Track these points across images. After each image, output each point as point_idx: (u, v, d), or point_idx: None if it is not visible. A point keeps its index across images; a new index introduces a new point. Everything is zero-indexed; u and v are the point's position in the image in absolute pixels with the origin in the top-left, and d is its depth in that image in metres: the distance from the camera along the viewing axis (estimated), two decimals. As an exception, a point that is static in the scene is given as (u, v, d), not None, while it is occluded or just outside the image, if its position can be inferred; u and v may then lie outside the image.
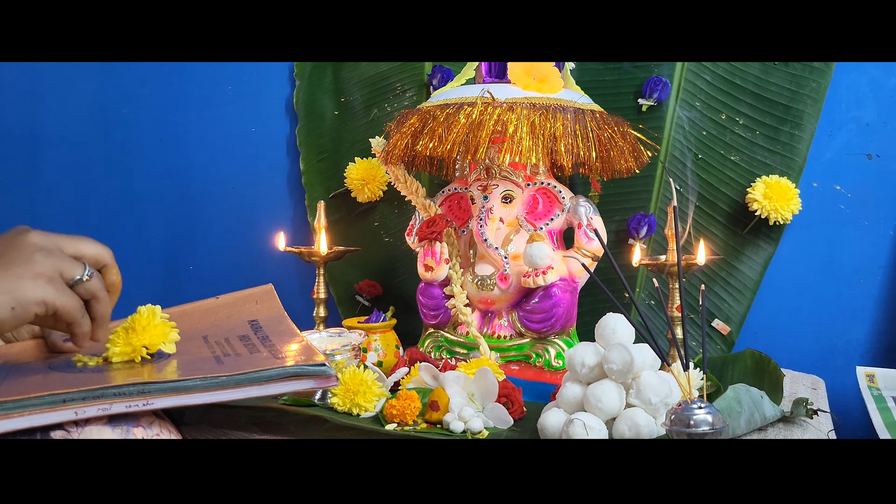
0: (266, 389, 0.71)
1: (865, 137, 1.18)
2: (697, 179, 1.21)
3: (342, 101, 1.40)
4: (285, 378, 0.71)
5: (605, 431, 0.78)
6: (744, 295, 1.21)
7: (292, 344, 0.79)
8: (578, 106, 1.00)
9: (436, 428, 0.87)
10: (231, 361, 0.73)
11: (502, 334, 1.04)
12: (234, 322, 0.84)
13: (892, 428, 0.92)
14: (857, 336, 1.20)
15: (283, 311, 0.87)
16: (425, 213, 1.08)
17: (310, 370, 0.72)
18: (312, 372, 0.72)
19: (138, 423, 0.70)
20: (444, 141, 0.96)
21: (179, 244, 1.54)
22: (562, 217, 1.05)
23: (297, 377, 0.72)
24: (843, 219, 1.19)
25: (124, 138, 1.56)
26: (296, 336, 0.81)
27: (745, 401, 0.82)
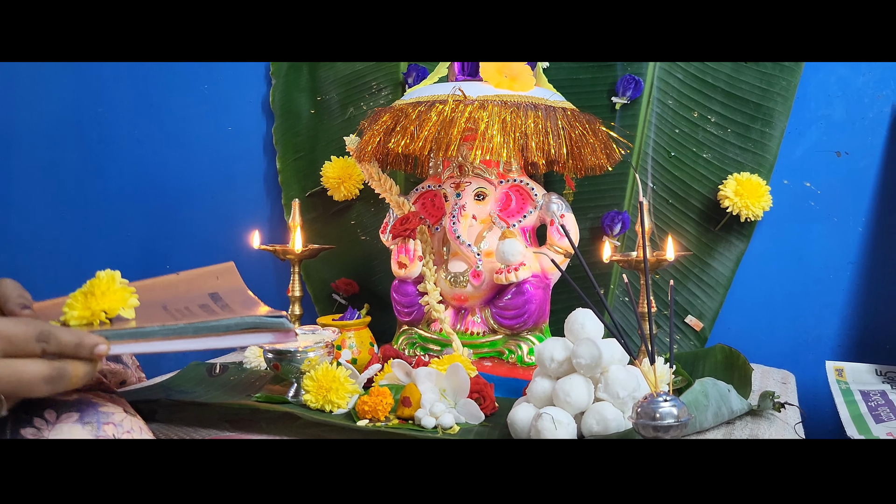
0: (225, 341, 0.69)
1: (834, 135, 1.20)
2: (659, 176, 1.22)
3: (318, 99, 1.40)
4: (244, 330, 0.69)
5: (573, 425, 0.79)
6: (716, 291, 1.22)
7: (253, 310, 0.76)
8: (550, 103, 1.01)
9: (407, 424, 0.87)
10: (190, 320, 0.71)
11: (475, 331, 1.04)
12: (195, 294, 0.82)
13: (859, 421, 0.93)
14: (827, 331, 1.21)
15: (244, 285, 0.85)
16: (399, 211, 1.09)
17: (268, 322, 0.70)
18: (270, 324, 0.70)
19: (109, 419, 0.70)
20: (417, 138, 0.97)
21: (156, 244, 1.54)
22: (534, 214, 1.05)
23: (256, 330, 0.69)
24: (812, 215, 1.21)
25: (99, 138, 1.55)
26: (258, 304, 0.78)
27: (711, 394, 0.83)
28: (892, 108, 1.17)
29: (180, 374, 1.10)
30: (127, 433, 0.70)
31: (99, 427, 0.68)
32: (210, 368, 1.12)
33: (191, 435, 0.85)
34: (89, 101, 1.55)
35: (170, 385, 1.05)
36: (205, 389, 1.04)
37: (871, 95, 1.18)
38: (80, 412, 0.69)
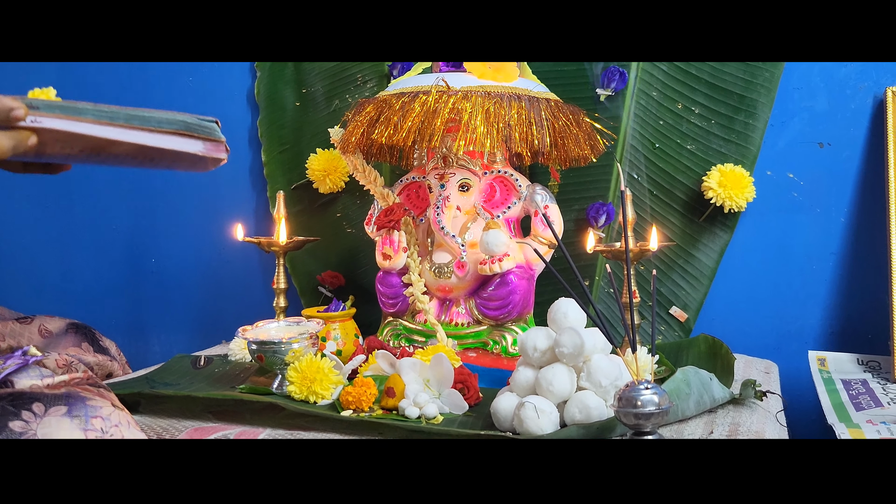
0: (156, 139, 0.66)
1: (817, 126, 1.20)
2: (644, 168, 1.23)
3: (303, 92, 1.39)
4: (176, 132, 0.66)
5: (556, 414, 0.79)
6: (700, 282, 1.23)
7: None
8: (533, 94, 1.01)
9: (392, 414, 0.87)
10: None
11: (460, 322, 1.05)
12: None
13: (840, 409, 0.94)
14: (810, 321, 1.22)
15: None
16: (383, 202, 1.09)
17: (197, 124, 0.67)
18: (200, 127, 0.67)
19: (97, 413, 0.70)
20: (400, 129, 0.97)
21: (141, 237, 1.53)
22: (519, 205, 1.05)
23: (188, 134, 0.67)
24: (795, 206, 1.22)
25: (84, 130, 1.54)
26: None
27: (693, 383, 0.84)
28: (874, 100, 1.18)
29: (165, 366, 1.10)
30: (115, 427, 0.70)
31: (87, 420, 0.68)
32: (195, 361, 1.12)
33: (174, 426, 0.85)
34: (73, 94, 1.54)
35: (154, 377, 1.05)
36: (189, 381, 1.04)
37: (854, 87, 1.19)
38: (68, 405, 0.69)
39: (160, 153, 0.67)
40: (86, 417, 0.68)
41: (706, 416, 0.86)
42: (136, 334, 1.53)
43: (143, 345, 1.53)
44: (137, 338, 1.53)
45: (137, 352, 1.52)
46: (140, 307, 1.53)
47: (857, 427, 0.86)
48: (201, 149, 0.68)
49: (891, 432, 0.84)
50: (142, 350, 1.53)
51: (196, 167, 0.71)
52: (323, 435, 0.82)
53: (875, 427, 0.86)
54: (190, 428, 0.84)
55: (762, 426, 0.83)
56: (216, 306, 1.49)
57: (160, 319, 1.53)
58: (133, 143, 0.64)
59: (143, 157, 0.67)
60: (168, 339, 1.52)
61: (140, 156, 0.66)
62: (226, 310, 1.48)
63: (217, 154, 0.69)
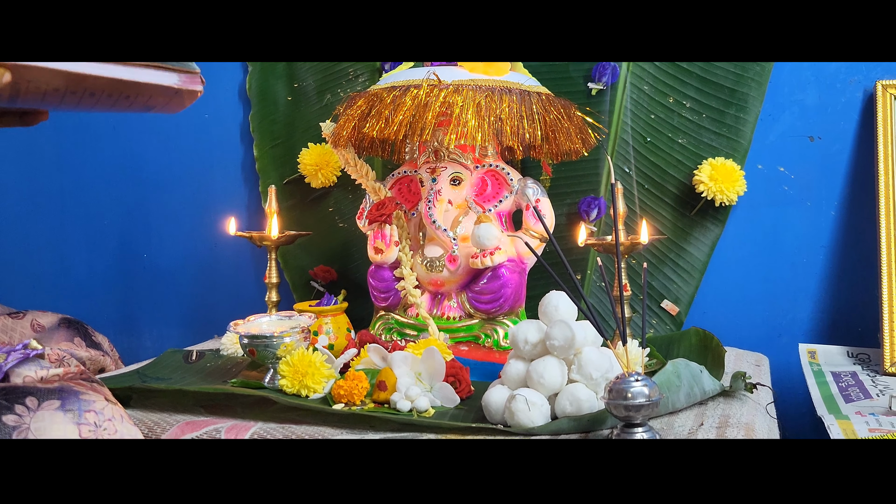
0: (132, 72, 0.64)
1: (808, 120, 1.21)
2: (635, 162, 1.23)
3: (295, 86, 1.39)
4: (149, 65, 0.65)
5: (547, 407, 0.80)
6: (692, 276, 1.23)
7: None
8: (525, 88, 1.01)
9: (383, 408, 0.87)
10: None
11: (452, 315, 1.05)
12: None
13: (830, 401, 0.95)
14: (800, 314, 1.22)
15: None
16: (375, 196, 1.09)
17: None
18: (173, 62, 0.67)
19: (90, 407, 0.70)
20: (391, 123, 0.97)
21: (134, 232, 1.53)
22: (510, 199, 1.06)
23: (162, 67, 0.66)
24: (786, 200, 1.22)
25: (75, 126, 1.54)
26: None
27: (684, 375, 0.84)
28: (863, 93, 1.18)
29: (157, 361, 1.10)
30: (108, 420, 0.70)
31: (80, 414, 0.68)
32: (186, 355, 1.12)
33: (165, 420, 0.85)
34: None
35: (145, 372, 1.05)
36: (181, 376, 1.04)
37: (844, 81, 1.19)
38: (61, 399, 0.69)
39: (135, 88, 0.65)
40: (79, 411, 0.68)
41: (696, 408, 0.87)
42: (129, 329, 1.53)
43: (135, 339, 1.53)
44: (130, 332, 1.53)
45: (130, 346, 1.52)
46: (132, 302, 1.53)
47: (846, 418, 0.87)
48: (176, 81, 0.67)
49: (879, 423, 0.84)
50: (134, 345, 1.52)
51: (172, 103, 0.69)
52: (314, 428, 0.82)
53: (864, 418, 0.86)
54: (181, 422, 0.84)
55: (752, 418, 0.83)
56: (208, 301, 1.49)
57: (152, 314, 1.53)
58: (108, 77, 0.63)
59: (118, 95, 0.65)
60: (160, 334, 1.52)
61: (115, 92, 0.65)
62: (218, 304, 1.48)
63: (193, 86, 0.68)
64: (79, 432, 0.67)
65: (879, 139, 1.13)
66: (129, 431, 0.72)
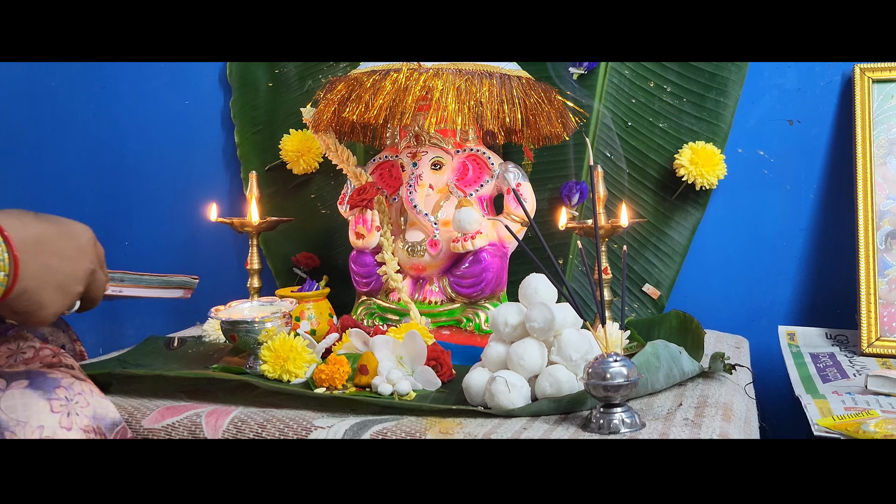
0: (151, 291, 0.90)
1: (787, 103, 1.21)
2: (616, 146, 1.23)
3: (276, 72, 1.39)
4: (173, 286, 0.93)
5: (527, 388, 0.80)
6: (673, 259, 1.24)
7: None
8: (505, 72, 1.01)
9: (365, 391, 0.88)
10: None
11: (433, 300, 1.05)
12: None
13: (807, 381, 0.96)
14: (780, 297, 1.23)
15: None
16: (356, 182, 1.09)
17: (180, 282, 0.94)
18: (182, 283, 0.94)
19: (59, 384, 0.70)
20: (371, 107, 0.97)
21: (114, 220, 1.52)
22: (491, 183, 1.06)
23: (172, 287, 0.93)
24: (766, 183, 1.23)
25: (53, 113, 1.52)
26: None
27: (663, 356, 0.84)
28: (842, 77, 1.19)
29: (137, 347, 1.09)
30: (79, 395, 0.70)
31: (50, 391, 0.69)
32: (168, 342, 1.11)
33: (146, 405, 0.85)
34: (41, 76, 1.52)
35: (126, 358, 1.04)
36: (163, 362, 1.03)
37: (822, 64, 1.20)
38: (29, 379, 0.69)
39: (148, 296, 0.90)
40: (48, 388, 0.69)
41: (676, 388, 0.88)
42: (110, 316, 1.52)
43: (116, 327, 1.52)
44: (111, 320, 1.52)
45: (111, 334, 1.51)
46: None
47: (823, 398, 0.88)
48: (180, 294, 0.94)
49: (855, 402, 0.85)
50: (116, 333, 1.52)
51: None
52: (295, 412, 0.82)
53: (840, 398, 0.87)
54: (161, 407, 0.84)
55: (731, 398, 0.84)
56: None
57: (133, 302, 1.52)
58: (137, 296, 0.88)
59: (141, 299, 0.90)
60: (142, 322, 1.52)
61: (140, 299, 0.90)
62: (200, 292, 1.45)
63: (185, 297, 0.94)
64: (50, 407, 0.67)
65: (857, 123, 1.13)
66: (101, 405, 0.72)
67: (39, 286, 0.71)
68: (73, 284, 0.74)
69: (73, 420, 0.69)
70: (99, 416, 0.72)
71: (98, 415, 0.71)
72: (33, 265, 0.69)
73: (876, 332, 1.08)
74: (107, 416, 0.73)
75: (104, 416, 0.72)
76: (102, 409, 0.72)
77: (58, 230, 0.74)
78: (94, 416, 0.71)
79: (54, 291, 0.72)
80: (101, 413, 0.72)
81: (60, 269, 0.72)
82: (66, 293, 0.74)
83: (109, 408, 0.73)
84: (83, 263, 0.75)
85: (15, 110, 1.54)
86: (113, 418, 0.73)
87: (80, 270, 0.75)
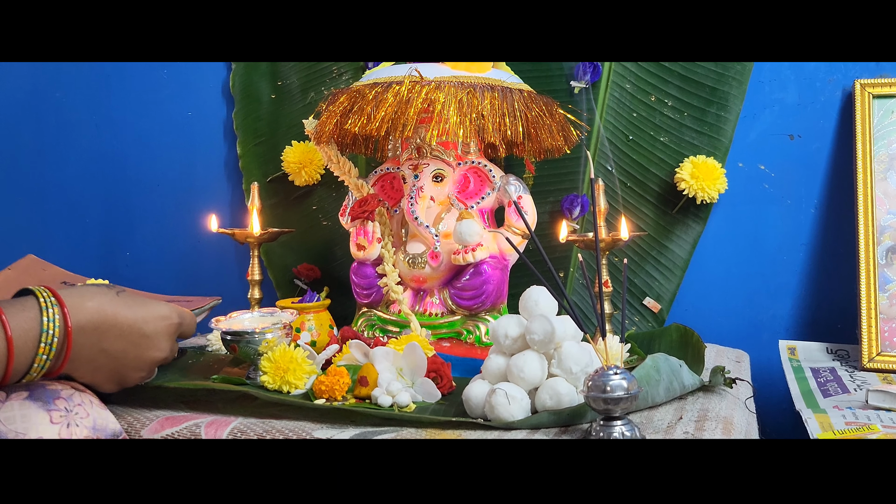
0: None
1: (787, 118, 1.22)
2: (617, 160, 1.24)
3: (279, 84, 1.39)
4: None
5: (527, 401, 0.80)
6: (674, 273, 1.24)
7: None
8: (507, 85, 1.01)
9: (365, 403, 0.87)
10: None
11: (434, 312, 1.05)
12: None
13: (808, 396, 0.96)
14: (780, 311, 1.23)
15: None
16: (358, 193, 1.09)
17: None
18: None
19: (59, 395, 0.70)
20: (373, 119, 0.97)
21: (116, 230, 1.53)
22: (492, 196, 1.06)
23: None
24: (767, 197, 1.23)
25: (57, 123, 1.53)
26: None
27: (663, 369, 0.84)
28: (842, 92, 1.19)
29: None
30: (78, 405, 0.70)
31: (50, 402, 0.69)
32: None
33: (145, 416, 0.85)
34: (46, 86, 1.53)
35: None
36: (162, 372, 1.03)
37: (823, 80, 1.20)
38: (28, 390, 0.69)
39: None
40: (48, 399, 0.69)
41: (676, 402, 0.87)
42: (111, 328, 1.52)
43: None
44: (112, 331, 1.52)
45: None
46: (114, 300, 1.52)
47: (824, 412, 0.88)
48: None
49: (856, 416, 0.85)
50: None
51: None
52: (295, 423, 0.82)
53: (841, 412, 0.87)
54: (160, 417, 0.84)
55: (731, 412, 0.84)
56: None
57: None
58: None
59: None
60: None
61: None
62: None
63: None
64: (49, 418, 0.67)
65: (858, 137, 1.14)
66: (101, 415, 0.72)
67: (94, 369, 0.72)
68: (131, 372, 0.75)
69: (73, 431, 0.69)
70: (99, 426, 0.72)
71: (98, 425, 0.71)
72: (89, 351, 0.70)
73: (877, 346, 1.07)
74: (107, 427, 0.73)
75: (104, 426, 0.72)
76: (102, 420, 0.72)
77: (131, 315, 0.73)
78: (94, 427, 0.71)
79: (107, 378, 0.74)
80: (101, 424, 0.72)
81: (119, 357, 0.73)
82: (120, 380, 0.75)
83: (109, 418, 0.73)
84: (150, 353, 0.75)
85: (20, 120, 1.54)
86: (113, 429, 0.73)
87: (145, 360, 0.75)
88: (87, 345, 0.69)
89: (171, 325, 0.77)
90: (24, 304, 0.67)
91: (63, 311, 0.67)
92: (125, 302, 0.73)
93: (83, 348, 0.69)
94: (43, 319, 0.66)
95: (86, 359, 0.70)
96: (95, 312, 0.70)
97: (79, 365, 0.71)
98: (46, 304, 0.67)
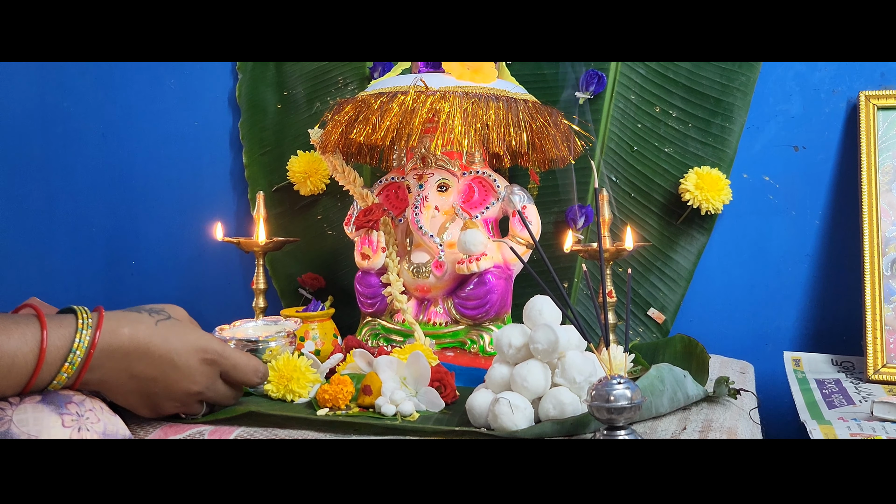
0: None
1: (792, 130, 1.22)
2: (622, 170, 1.24)
3: (285, 94, 1.40)
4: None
5: (530, 410, 0.80)
6: (678, 284, 1.24)
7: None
8: (511, 95, 1.02)
9: (368, 412, 0.87)
10: None
11: (438, 321, 1.05)
12: None
13: (813, 407, 0.95)
14: (785, 323, 1.23)
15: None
16: (363, 203, 1.09)
17: None
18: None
19: (70, 399, 0.70)
20: (378, 129, 0.97)
21: (121, 239, 1.53)
22: (497, 205, 1.06)
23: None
24: (771, 209, 1.23)
25: (64, 132, 1.54)
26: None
27: (667, 379, 0.84)
28: (847, 104, 1.20)
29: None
30: (90, 411, 0.71)
31: (62, 406, 0.69)
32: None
33: (149, 423, 0.84)
34: (54, 96, 1.54)
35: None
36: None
37: (827, 91, 1.20)
38: (42, 395, 0.70)
39: None
40: (60, 403, 0.69)
41: (680, 412, 0.87)
42: (115, 336, 1.52)
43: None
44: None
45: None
46: (120, 307, 1.52)
47: (829, 424, 0.87)
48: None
49: (861, 428, 0.85)
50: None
51: None
52: (298, 432, 0.81)
53: (846, 423, 0.87)
54: (164, 425, 0.84)
55: (735, 423, 0.84)
56: (196, 308, 1.46)
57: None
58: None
59: None
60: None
61: None
62: (206, 311, 1.47)
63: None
64: (62, 422, 0.68)
65: (862, 149, 1.14)
66: (112, 421, 0.72)
67: (126, 392, 0.74)
68: (163, 401, 0.77)
69: (84, 435, 0.69)
70: (109, 432, 0.72)
71: (108, 431, 0.72)
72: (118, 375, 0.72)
73: (882, 358, 1.07)
74: (117, 433, 0.73)
75: (115, 432, 0.73)
76: (113, 426, 0.73)
77: (164, 346, 0.74)
78: (105, 433, 0.72)
79: (140, 403, 0.76)
80: (111, 429, 0.72)
81: (149, 384, 0.74)
82: (153, 406, 0.77)
83: (119, 424, 0.74)
84: (181, 384, 0.76)
85: (27, 129, 1.55)
86: (123, 434, 0.74)
87: (176, 391, 0.76)
88: (115, 368, 0.72)
89: (205, 359, 0.78)
90: (62, 321, 0.70)
91: (95, 332, 0.69)
92: (161, 332, 0.75)
93: (111, 371, 0.72)
94: (75, 339, 0.69)
95: (115, 382, 0.73)
96: (128, 339, 0.72)
97: (109, 387, 0.74)
98: (83, 325, 0.70)
